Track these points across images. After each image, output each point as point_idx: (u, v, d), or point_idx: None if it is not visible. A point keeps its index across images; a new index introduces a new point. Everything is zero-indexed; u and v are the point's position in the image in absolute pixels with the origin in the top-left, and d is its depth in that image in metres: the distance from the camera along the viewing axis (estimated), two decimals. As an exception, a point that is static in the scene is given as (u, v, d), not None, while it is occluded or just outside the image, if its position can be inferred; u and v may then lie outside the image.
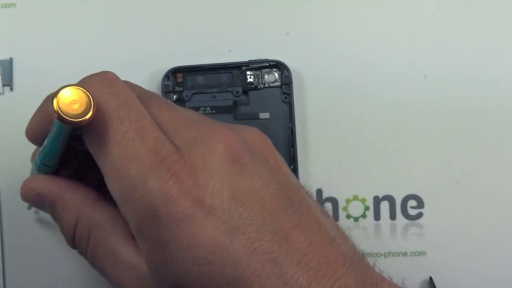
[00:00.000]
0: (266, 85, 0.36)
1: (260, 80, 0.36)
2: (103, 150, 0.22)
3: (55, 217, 0.26)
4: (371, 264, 0.23)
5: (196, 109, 0.36)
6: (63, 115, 0.21)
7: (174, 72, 0.36)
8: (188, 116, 0.24)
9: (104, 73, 0.24)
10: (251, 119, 0.36)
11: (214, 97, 0.36)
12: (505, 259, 0.35)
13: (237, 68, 0.36)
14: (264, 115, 0.36)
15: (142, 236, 0.22)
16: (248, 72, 0.36)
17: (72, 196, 0.26)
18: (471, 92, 0.36)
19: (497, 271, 0.35)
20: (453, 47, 0.36)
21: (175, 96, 0.36)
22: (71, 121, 0.21)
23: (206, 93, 0.36)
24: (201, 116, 0.25)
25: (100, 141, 0.22)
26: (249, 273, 0.20)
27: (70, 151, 0.25)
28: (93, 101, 0.22)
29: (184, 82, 0.36)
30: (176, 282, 0.21)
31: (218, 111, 0.36)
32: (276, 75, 0.36)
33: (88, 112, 0.21)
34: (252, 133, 0.24)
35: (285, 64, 0.35)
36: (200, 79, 0.36)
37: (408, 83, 0.36)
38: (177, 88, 0.36)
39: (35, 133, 0.26)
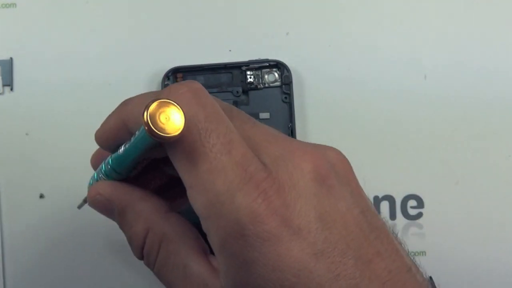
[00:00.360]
0: (266, 85, 0.36)
1: (260, 80, 0.36)
2: (189, 163, 0.22)
3: (123, 225, 0.25)
4: None
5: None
6: (153, 128, 0.20)
7: (174, 72, 0.36)
8: (271, 132, 0.24)
9: (191, 83, 0.23)
10: (251, 119, 0.36)
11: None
12: (505, 259, 0.35)
13: (237, 68, 0.36)
14: (264, 115, 0.36)
15: (225, 252, 0.21)
16: (248, 72, 0.36)
17: (144, 206, 0.25)
18: (471, 92, 0.36)
19: (497, 271, 0.35)
20: (453, 47, 0.36)
21: (175, 96, 0.36)
22: (161, 135, 0.20)
23: (206, 93, 0.36)
24: (281, 133, 0.25)
25: (186, 153, 0.22)
26: None
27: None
28: (184, 117, 0.21)
29: (184, 82, 0.36)
30: None
31: (218, 111, 0.36)
32: (276, 75, 0.36)
33: (178, 128, 0.20)
34: (335, 154, 0.24)
35: (285, 64, 0.35)
36: (200, 79, 0.36)
37: (408, 83, 0.36)
38: (177, 88, 0.36)
39: (107, 138, 0.25)
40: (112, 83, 0.36)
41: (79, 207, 0.29)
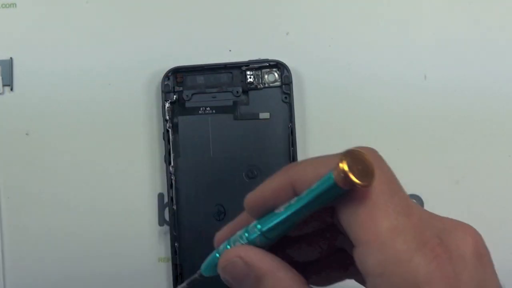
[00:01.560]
0: (266, 85, 0.36)
1: (260, 80, 0.36)
2: (370, 219, 0.22)
3: None
4: None
5: (196, 109, 0.36)
6: (350, 175, 0.21)
7: (174, 72, 0.36)
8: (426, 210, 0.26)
9: (368, 147, 0.25)
10: (251, 119, 0.36)
11: (214, 97, 0.36)
12: (505, 259, 0.35)
13: (237, 68, 0.36)
14: (264, 115, 0.36)
15: None
16: (248, 72, 0.36)
17: (286, 274, 0.25)
18: (471, 92, 0.36)
19: (497, 270, 0.35)
20: (453, 48, 0.36)
21: (175, 96, 0.36)
22: (357, 182, 0.21)
23: (206, 93, 0.36)
24: None
25: (367, 208, 0.23)
26: None
27: None
28: (373, 167, 0.22)
29: (184, 82, 0.36)
30: None
31: (218, 111, 0.36)
32: (276, 75, 0.36)
33: (370, 179, 0.21)
34: (478, 233, 0.25)
35: (285, 64, 0.35)
36: (200, 79, 0.36)
37: (408, 83, 0.36)
38: (177, 88, 0.36)
39: (264, 201, 0.24)
40: (112, 83, 0.36)
41: (188, 284, 0.26)
